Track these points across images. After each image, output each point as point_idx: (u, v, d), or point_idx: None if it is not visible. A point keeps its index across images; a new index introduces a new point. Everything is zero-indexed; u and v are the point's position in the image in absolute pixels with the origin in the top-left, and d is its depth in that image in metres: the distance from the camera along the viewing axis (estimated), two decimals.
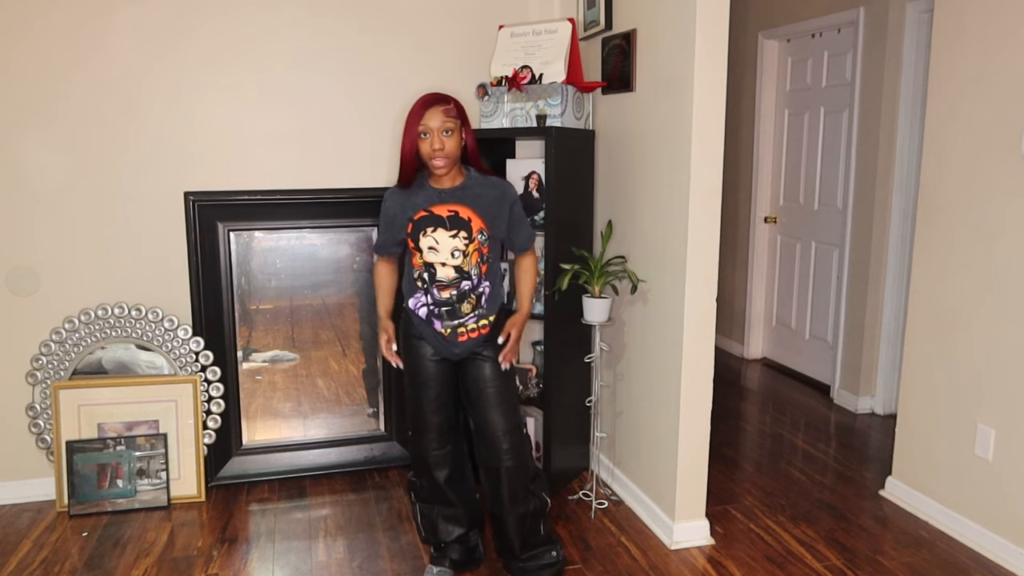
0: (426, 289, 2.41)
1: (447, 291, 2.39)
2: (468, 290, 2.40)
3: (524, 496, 2.47)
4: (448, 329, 2.41)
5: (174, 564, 2.64)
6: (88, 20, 2.93)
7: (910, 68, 3.85)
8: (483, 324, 2.43)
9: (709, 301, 2.65)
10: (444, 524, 2.55)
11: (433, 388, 2.46)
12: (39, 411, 3.06)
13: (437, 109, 2.29)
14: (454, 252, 2.37)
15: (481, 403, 2.44)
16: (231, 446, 3.26)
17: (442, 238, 2.36)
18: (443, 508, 2.54)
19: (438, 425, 2.48)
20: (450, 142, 2.30)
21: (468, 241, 2.37)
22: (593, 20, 3.11)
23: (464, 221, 2.36)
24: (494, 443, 2.43)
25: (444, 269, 2.38)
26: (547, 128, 2.92)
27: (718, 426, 3.78)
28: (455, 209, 2.36)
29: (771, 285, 5.08)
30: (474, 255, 2.38)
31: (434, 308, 2.41)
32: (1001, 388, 2.66)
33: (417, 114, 2.30)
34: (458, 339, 2.41)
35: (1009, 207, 2.60)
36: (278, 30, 3.12)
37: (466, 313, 2.41)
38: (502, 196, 2.43)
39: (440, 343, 2.43)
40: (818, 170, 4.57)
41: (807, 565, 2.63)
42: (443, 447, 2.49)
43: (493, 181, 2.44)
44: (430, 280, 2.40)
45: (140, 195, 3.09)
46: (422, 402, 2.47)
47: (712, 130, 2.53)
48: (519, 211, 2.48)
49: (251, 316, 3.27)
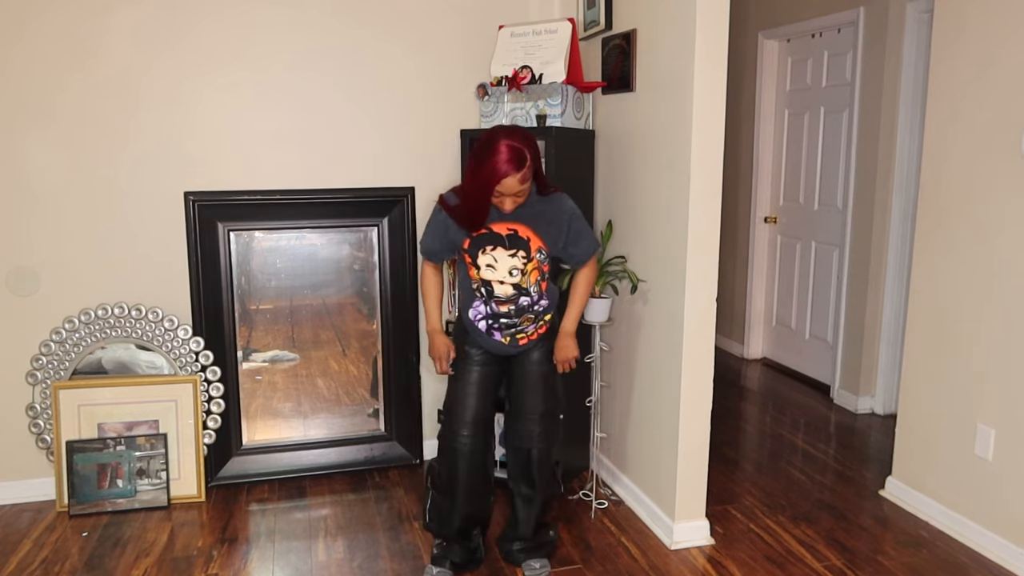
0: (485, 300, 2.41)
1: (506, 306, 2.40)
2: (527, 305, 2.40)
3: (549, 481, 2.55)
4: (508, 338, 2.43)
5: (174, 564, 2.64)
6: (86, 19, 2.93)
7: (910, 68, 3.85)
8: (541, 325, 2.47)
9: (709, 301, 2.65)
10: (452, 518, 2.54)
11: (476, 373, 2.47)
12: (39, 411, 3.06)
13: (514, 178, 2.18)
14: (512, 271, 2.35)
15: (523, 384, 2.48)
16: (231, 446, 3.26)
17: (501, 257, 2.34)
18: (455, 502, 2.52)
19: (474, 409, 2.45)
20: (522, 198, 2.27)
21: (527, 260, 2.35)
22: (593, 20, 3.11)
23: (523, 241, 2.33)
24: (528, 424, 2.47)
25: (502, 287, 2.37)
26: (547, 128, 2.92)
27: (718, 426, 3.78)
28: (515, 228, 2.33)
29: (771, 285, 5.08)
30: (533, 273, 2.37)
31: (492, 322, 2.41)
32: (1001, 388, 2.66)
33: (493, 176, 2.17)
34: (518, 343, 2.45)
35: (1009, 207, 2.60)
36: (278, 29, 3.12)
37: (525, 326, 2.43)
38: (560, 211, 2.38)
39: (498, 348, 2.45)
40: (818, 170, 4.57)
41: (807, 565, 2.63)
42: (474, 435, 2.45)
43: (551, 197, 2.39)
44: (488, 295, 2.40)
45: (140, 195, 3.09)
46: (462, 384, 2.47)
47: (712, 130, 2.53)
48: (578, 225, 2.43)
49: (251, 316, 3.27)
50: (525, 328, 2.43)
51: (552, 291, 2.49)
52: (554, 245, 2.39)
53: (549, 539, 2.67)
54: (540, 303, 2.42)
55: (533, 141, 2.24)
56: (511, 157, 2.16)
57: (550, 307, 2.48)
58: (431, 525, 2.59)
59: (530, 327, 2.44)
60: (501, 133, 2.20)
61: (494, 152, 2.17)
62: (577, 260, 2.48)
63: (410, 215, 3.30)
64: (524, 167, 2.18)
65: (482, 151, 2.20)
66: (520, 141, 2.19)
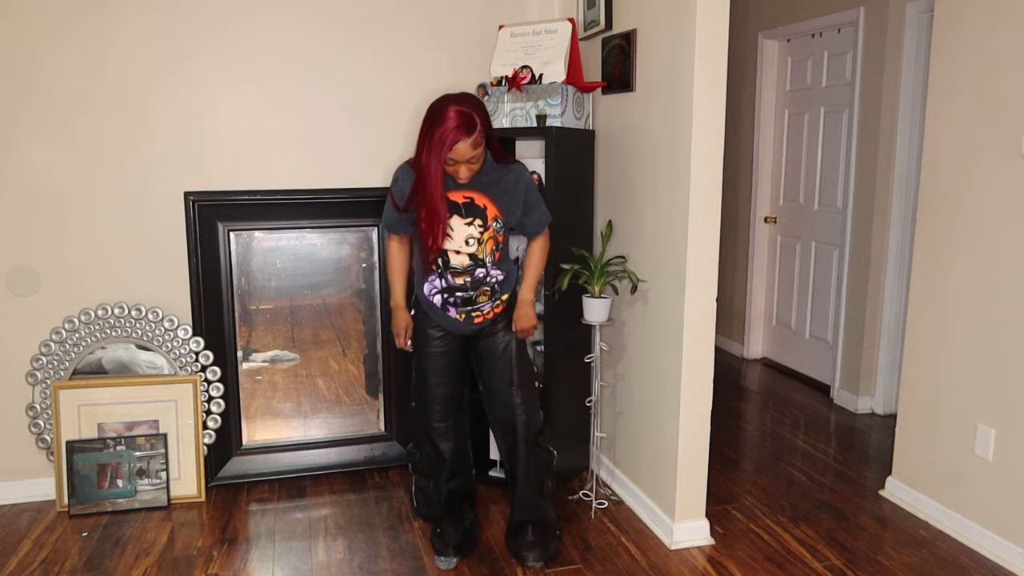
0: (440, 273, 2.40)
1: (461, 277, 2.39)
2: (482, 277, 2.40)
3: (535, 450, 2.56)
4: (463, 315, 2.43)
5: (174, 564, 2.64)
6: (90, 23, 2.93)
7: (910, 68, 3.85)
8: (498, 304, 2.47)
9: (709, 301, 2.65)
10: (438, 497, 2.58)
11: (440, 359, 2.48)
12: (39, 411, 3.06)
13: (465, 143, 2.18)
14: (468, 240, 2.35)
15: (493, 362, 2.49)
16: (231, 446, 3.26)
17: (457, 225, 2.34)
18: (439, 481, 2.57)
19: (443, 398, 2.50)
20: (477, 165, 2.27)
21: (483, 229, 2.36)
22: (593, 20, 3.11)
23: (479, 209, 2.35)
24: (507, 398, 2.48)
25: (458, 257, 2.37)
26: (547, 128, 2.92)
27: (718, 426, 3.78)
28: (471, 196, 2.34)
29: (771, 285, 5.08)
30: (489, 243, 2.37)
31: (448, 296, 2.40)
32: (1001, 388, 2.66)
33: (444, 143, 2.17)
34: (473, 321, 2.45)
35: (1009, 207, 2.60)
36: (278, 32, 3.12)
37: (481, 302, 2.43)
38: (516, 180, 2.41)
39: (455, 326, 2.45)
40: (818, 170, 4.57)
41: (807, 565, 2.63)
42: (445, 420, 2.52)
43: (508, 166, 2.41)
44: (444, 266, 2.39)
45: (140, 195, 3.09)
46: (427, 374, 2.49)
47: (712, 130, 2.53)
48: (533, 195, 2.45)
49: (251, 316, 3.27)
50: (481, 306, 2.43)
51: (508, 266, 2.48)
52: (510, 214, 2.40)
53: (555, 537, 2.68)
54: (494, 274, 2.41)
55: (482, 107, 2.25)
56: (461, 123, 2.17)
57: (506, 283, 2.47)
58: (420, 509, 2.64)
59: (486, 305, 2.43)
60: (449, 100, 2.22)
61: (443, 119, 2.17)
62: (530, 231, 2.51)
63: None
64: (475, 131, 2.18)
65: (431, 119, 2.20)
66: (469, 107, 2.20)
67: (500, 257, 2.43)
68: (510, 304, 2.51)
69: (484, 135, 2.24)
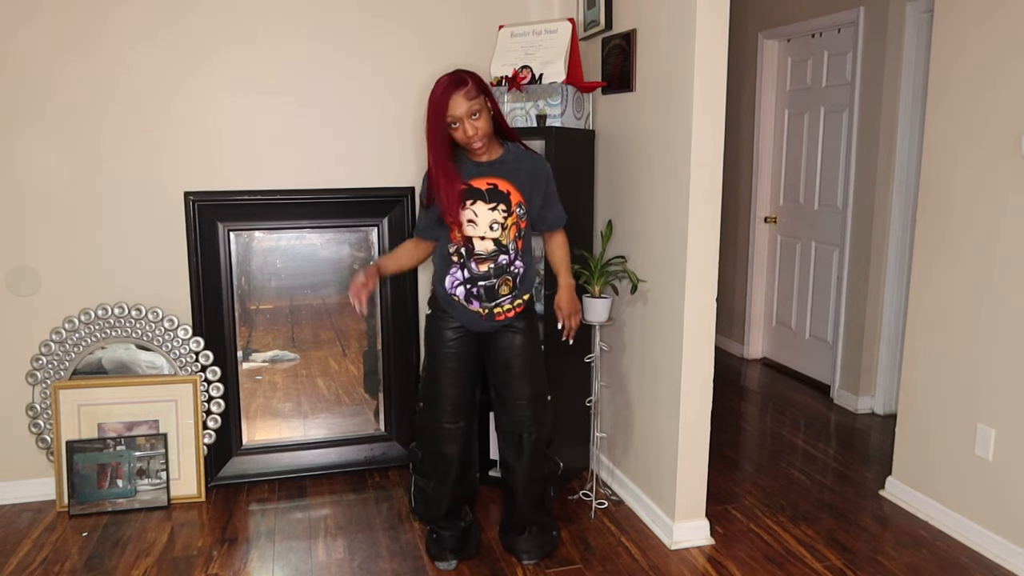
0: (463, 264, 2.40)
1: (485, 264, 2.40)
2: (505, 264, 2.41)
3: (541, 462, 2.56)
4: (486, 309, 2.43)
5: (174, 564, 2.64)
6: (89, 20, 2.93)
7: (910, 68, 3.85)
8: (518, 304, 2.48)
9: (709, 301, 2.65)
10: (440, 501, 2.57)
11: (454, 360, 2.48)
12: (39, 411, 3.06)
13: (458, 96, 2.23)
14: (492, 225, 2.37)
15: (508, 371, 2.48)
16: (231, 446, 3.26)
17: (481, 211, 2.36)
18: (440, 483, 2.54)
19: (454, 399, 2.49)
20: (482, 123, 2.28)
21: (507, 214, 2.38)
22: (593, 20, 3.11)
23: (503, 194, 2.37)
24: (518, 411, 2.48)
25: (482, 243, 2.39)
26: (547, 128, 2.92)
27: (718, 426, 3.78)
28: (494, 182, 2.37)
29: (771, 285, 5.08)
30: (512, 228, 2.39)
31: (471, 287, 2.41)
32: (1001, 388, 2.66)
33: (440, 106, 2.23)
34: (495, 319, 2.45)
35: (1009, 207, 2.60)
36: (279, 30, 3.12)
37: (504, 295, 2.43)
38: (539, 171, 2.45)
39: (476, 322, 2.45)
40: (818, 170, 4.57)
41: (807, 565, 2.63)
42: (456, 422, 2.50)
43: (530, 155, 2.45)
44: (468, 255, 2.40)
45: (140, 195, 3.09)
46: (440, 374, 2.49)
47: (712, 130, 2.53)
48: (553, 188, 2.50)
49: (251, 316, 3.27)
50: (503, 300, 2.43)
51: (529, 260, 2.49)
52: (532, 202, 2.43)
53: (551, 538, 2.68)
54: (516, 264, 2.43)
55: (479, 77, 2.31)
56: (451, 80, 2.25)
57: (526, 280, 2.48)
58: (418, 508, 2.63)
59: (507, 300, 2.44)
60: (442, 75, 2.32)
61: (435, 86, 2.27)
62: (549, 225, 2.54)
63: (410, 215, 3.30)
64: (466, 85, 2.24)
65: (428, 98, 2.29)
66: (459, 70, 2.30)
67: (523, 247, 2.44)
68: (529, 307, 2.52)
69: (479, 91, 2.27)
